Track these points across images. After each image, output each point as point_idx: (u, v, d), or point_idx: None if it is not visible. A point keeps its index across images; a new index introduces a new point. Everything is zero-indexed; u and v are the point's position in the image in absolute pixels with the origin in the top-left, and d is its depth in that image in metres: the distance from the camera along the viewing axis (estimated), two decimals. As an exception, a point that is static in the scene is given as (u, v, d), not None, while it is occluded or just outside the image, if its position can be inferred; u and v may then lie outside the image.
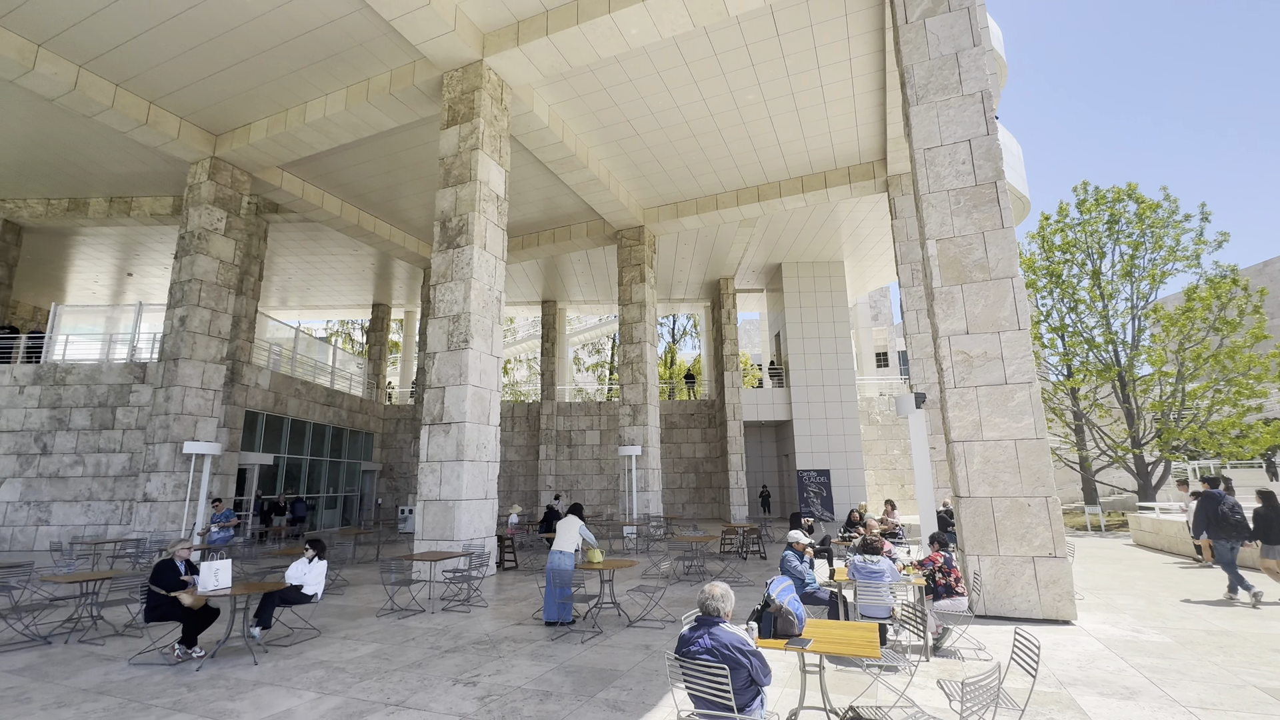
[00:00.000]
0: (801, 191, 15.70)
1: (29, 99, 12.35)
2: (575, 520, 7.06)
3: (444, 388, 9.96)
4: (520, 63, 10.69)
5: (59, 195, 16.82)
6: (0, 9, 9.85)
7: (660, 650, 5.72)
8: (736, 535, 12.22)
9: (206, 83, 11.76)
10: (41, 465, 14.94)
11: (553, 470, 24.08)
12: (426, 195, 16.49)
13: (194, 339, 13.21)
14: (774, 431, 25.09)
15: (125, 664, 5.49)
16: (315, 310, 28.51)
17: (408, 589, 8.98)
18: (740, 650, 2.93)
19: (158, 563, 5.89)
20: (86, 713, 4.34)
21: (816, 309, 22.22)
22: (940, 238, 7.51)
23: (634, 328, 17.42)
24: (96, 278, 23.02)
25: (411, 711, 4.29)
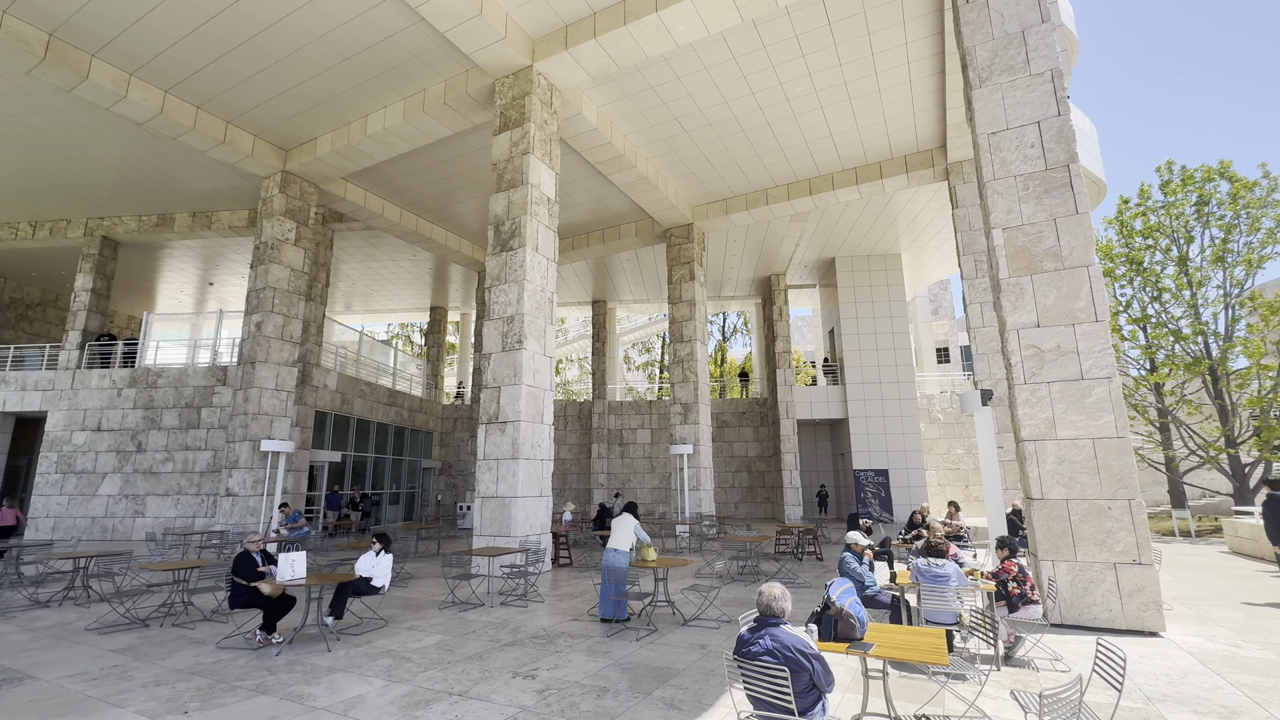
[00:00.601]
0: (855, 183, 15.26)
1: (122, 124, 13.40)
2: (630, 519, 7.08)
3: (499, 387, 10.21)
4: (569, 66, 10.82)
5: (149, 212, 18.18)
6: (96, 42, 10.73)
7: (716, 650, 5.69)
8: (791, 536, 12.00)
9: (276, 101, 12.45)
10: (137, 461, 16.20)
11: (605, 468, 24.30)
12: (480, 200, 16.93)
13: (269, 343, 14.01)
14: (829, 430, 24.50)
15: (213, 647, 5.89)
16: (377, 314, 29.75)
17: (467, 583, 9.25)
18: (802, 653, 2.87)
19: (236, 555, 6.28)
20: (181, 691, 4.67)
21: (872, 304, 21.55)
22: (1007, 226, 7.14)
23: (684, 326, 17.36)
24: (182, 287, 24.76)
25: (474, 702, 4.41)
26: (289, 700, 4.46)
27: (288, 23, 10.29)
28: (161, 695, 4.58)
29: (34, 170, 15.73)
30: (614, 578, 6.70)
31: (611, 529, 7.03)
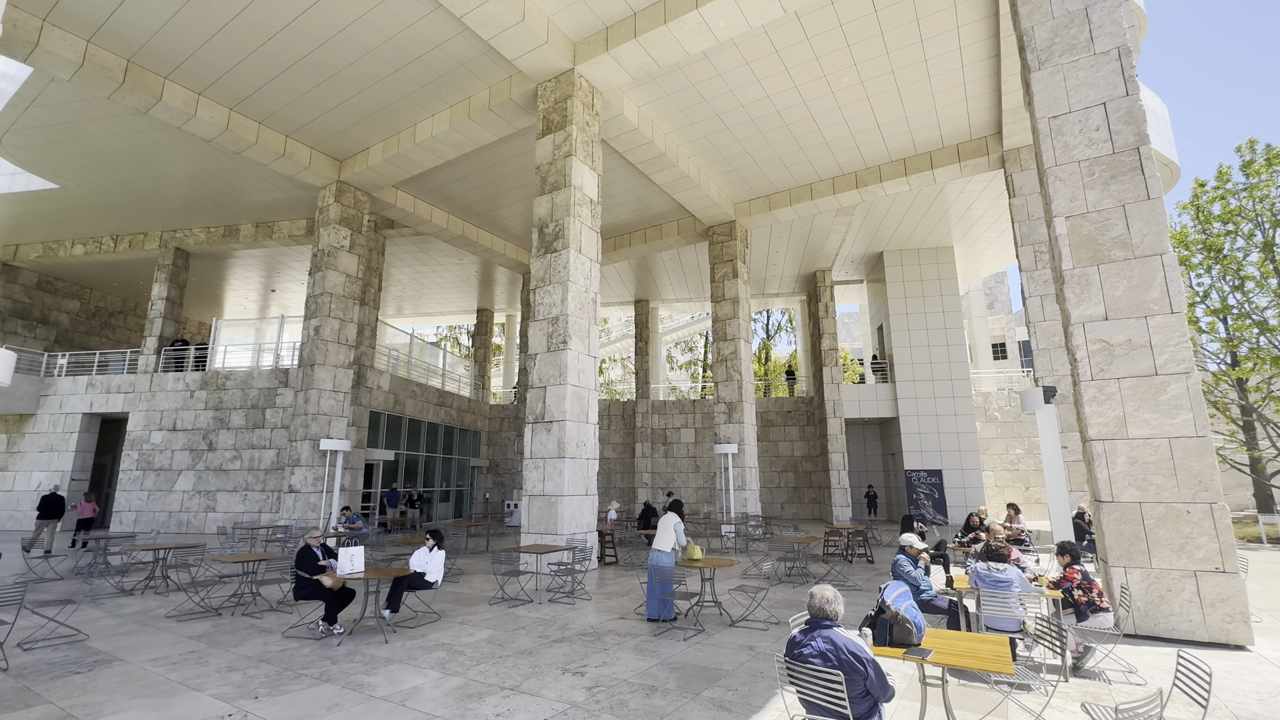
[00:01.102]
0: (904, 175, 14.80)
1: (192, 141, 14.25)
2: (673, 518, 7.03)
3: (545, 387, 10.35)
4: (610, 67, 10.88)
5: (216, 223, 19.25)
6: (169, 65, 11.42)
7: (765, 651, 5.61)
8: (840, 537, 11.74)
9: (331, 114, 12.97)
10: (208, 459, 17.18)
11: (649, 468, 24.33)
12: (524, 203, 17.21)
13: (326, 346, 14.62)
14: (878, 429, 23.85)
15: (280, 636, 6.18)
16: (426, 317, 30.64)
17: (516, 579, 9.42)
18: (856, 656, 2.79)
19: (299, 549, 6.57)
20: (251, 677, 4.92)
21: (923, 298, 20.86)
22: (1071, 214, 6.78)
23: (727, 324, 17.21)
24: (247, 294, 26.12)
25: (525, 696, 4.49)
26: (350, 689, 4.64)
27: (341, 39, 10.71)
28: (234, 681, 4.84)
29: (115, 187, 16.88)
30: (660, 577, 6.70)
31: (657, 529, 7.02)
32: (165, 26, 10.46)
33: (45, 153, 15.21)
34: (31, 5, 9.96)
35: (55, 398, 19.03)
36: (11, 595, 5.42)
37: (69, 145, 14.79)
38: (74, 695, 4.52)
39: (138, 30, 10.55)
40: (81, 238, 20.61)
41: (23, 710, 4.23)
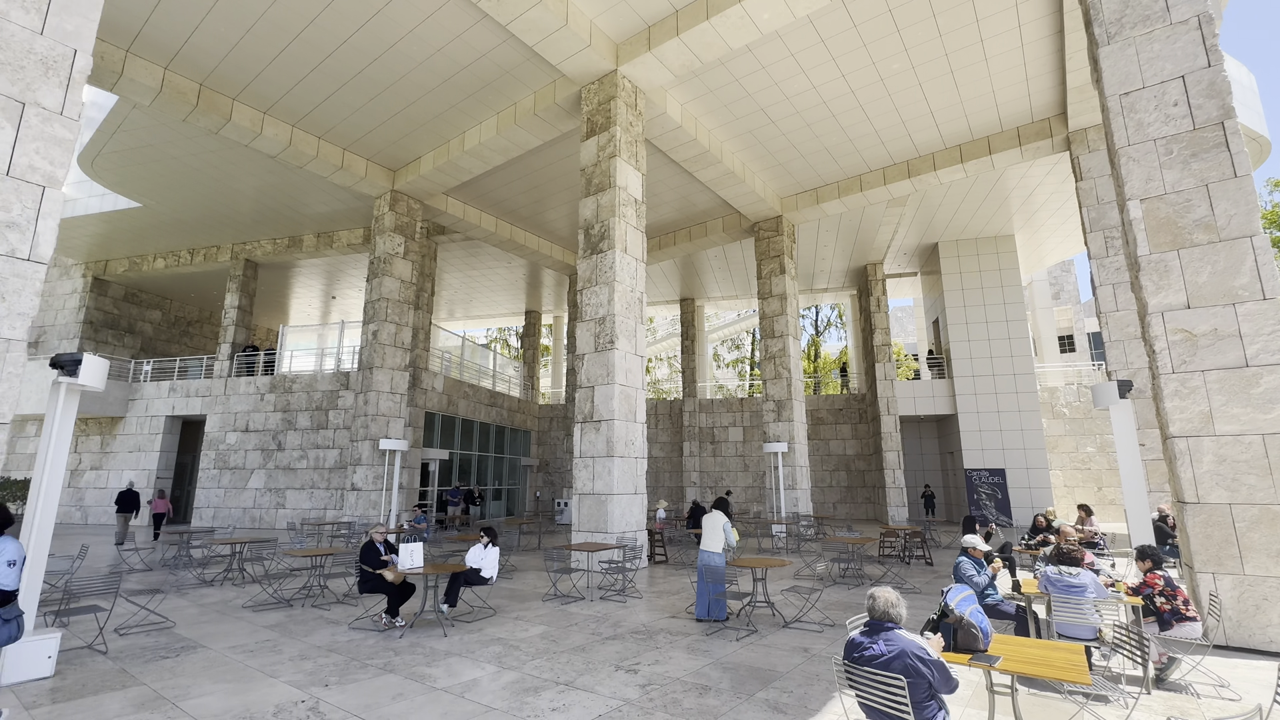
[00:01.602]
0: (960, 161, 14.22)
1: (258, 158, 15.07)
2: (721, 518, 6.88)
3: (593, 387, 10.45)
4: (652, 67, 10.88)
5: (281, 235, 20.29)
6: (236, 87, 12.11)
7: (820, 654, 5.50)
8: (897, 538, 11.39)
9: (385, 126, 13.47)
10: (278, 459, 18.13)
11: (697, 467, 24.24)
12: (570, 206, 17.42)
13: (383, 350, 15.20)
14: (935, 427, 23.01)
15: (346, 627, 6.47)
16: (477, 319, 31.43)
17: (568, 576, 9.55)
18: (920, 659, 2.70)
19: (363, 544, 6.85)
20: (322, 665, 5.17)
21: (982, 290, 19.99)
22: (1146, 196, 6.36)
23: (775, 321, 16.95)
24: (310, 302, 27.42)
25: (580, 692, 4.55)
26: (413, 680, 4.81)
27: (393, 53, 11.10)
28: (306, 669, 5.09)
29: (191, 204, 18.03)
30: (711, 577, 6.64)
31: (703, 528, 6.92)
32: (233, 50, 11.10)
33: (130, 174, 16.39)
34: (116, 37, 10.75)
35: (141, 401, 20.47)
36: (109, 585, 5.86)
37: (150, 166, 15.89)
38: (164, 678, 4.85)
39: (208, 55, 11.23)
40: (162, 252, 22.10)
41: (120, 690, 4.58)
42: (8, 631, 3.68)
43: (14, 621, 3.74)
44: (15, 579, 3.75)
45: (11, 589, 3.71)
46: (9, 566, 3.69)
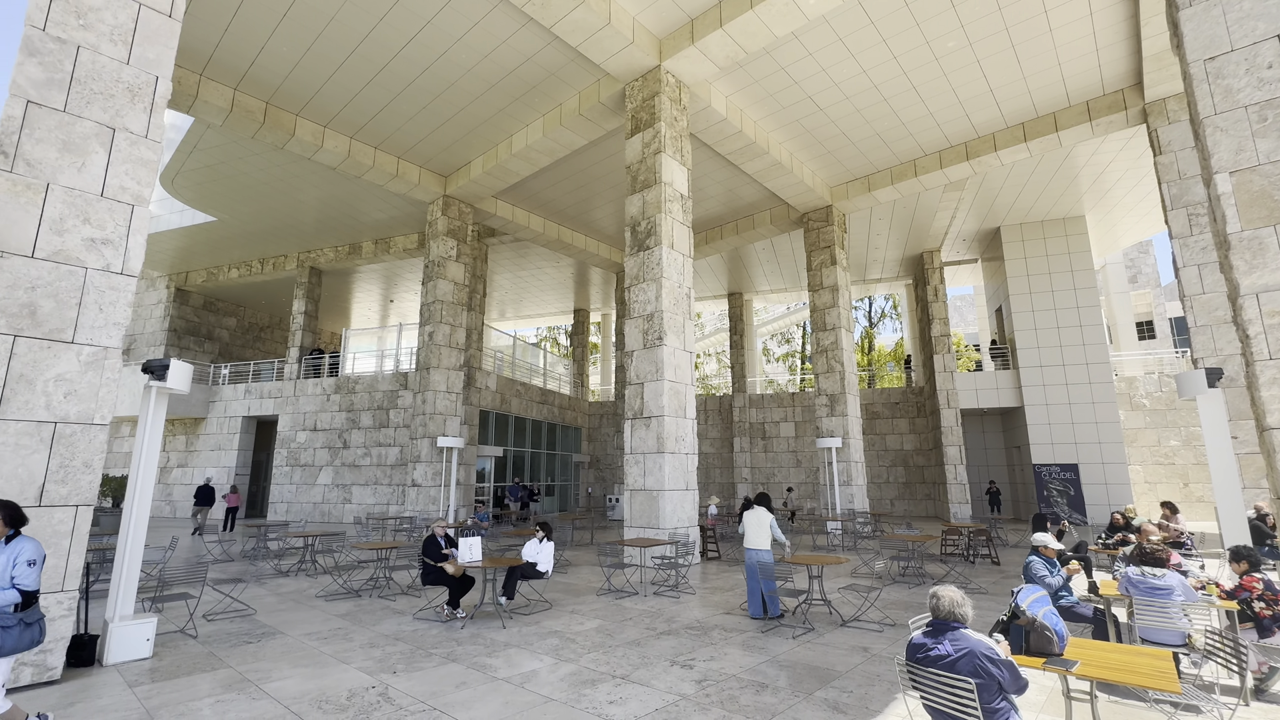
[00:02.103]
0: (1023, 140, 13.49)
1: (320, 170, 15.81)
2: (765, 515, 6.74)
3: (642, 384, 10.49)
4: (696, 60, 10.80)
5: (342, 243, 21.23)
6: (299, 103, 12.74)
7: (881, 654, 5.36)
8: (960, 536, 10.96)
9: (436, 133, 13.89)
10: (344, 456, 19.02)
11: (748, 463, 23.99)
12: (616, 204, 17.51)
13: (439, 350, 15.70)
14: (999, 420, 21.98)
15: (411, 618, 6.73)
16: (527, 319, 32.04)
17: (621, 571, 9.63)
18: (991, 660, 2.59)
19: (425, 538, 7.11)
20: (389, 653, 5.40)
21: (1050, 275, 18.94)
22: (1237, 169, 5.87)
23: (826, 314, 16.57)
24: (369, 306, 28.59)
25: (636, 686, 4.58)
26: (475, 670, 4.97)
27: (443, 62, 11.42)
28: (375, 656, 5.33)
29: (261, 216, 19.09)
30: (764, 573, 6.56)
31: (746, 525, 6.75)
32: (295, 68, 11.67)
33: (206, 191, 17.50)
34: (191, 63, 11.48)
35: (221, 403, 21.86)
36: (197, 574, 6.30)
37: (224, 182, 16.92)
38: (248, 662, 5.18)
39: (273, 75, 11.85)
40: (236, 263, 23.51)
41: (210, 672, 4.91)
42: (29, 636, 3.42)
43: (35, 625, 3.48)
44: (35, 579, 3.49)
45: (31, 589, 3.46)
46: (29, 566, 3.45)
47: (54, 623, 4.69)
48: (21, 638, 3.37)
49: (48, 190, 5.02)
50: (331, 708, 4.17)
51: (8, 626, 3.33)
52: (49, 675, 4.64)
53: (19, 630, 3.37)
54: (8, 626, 3.33)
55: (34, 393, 4.80)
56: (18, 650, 3.36)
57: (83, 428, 5.00)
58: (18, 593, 3.40)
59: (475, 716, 4.02)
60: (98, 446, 5.06)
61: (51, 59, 5.15)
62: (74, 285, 5.06)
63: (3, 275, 4.74)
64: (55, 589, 4.73)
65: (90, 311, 5.12)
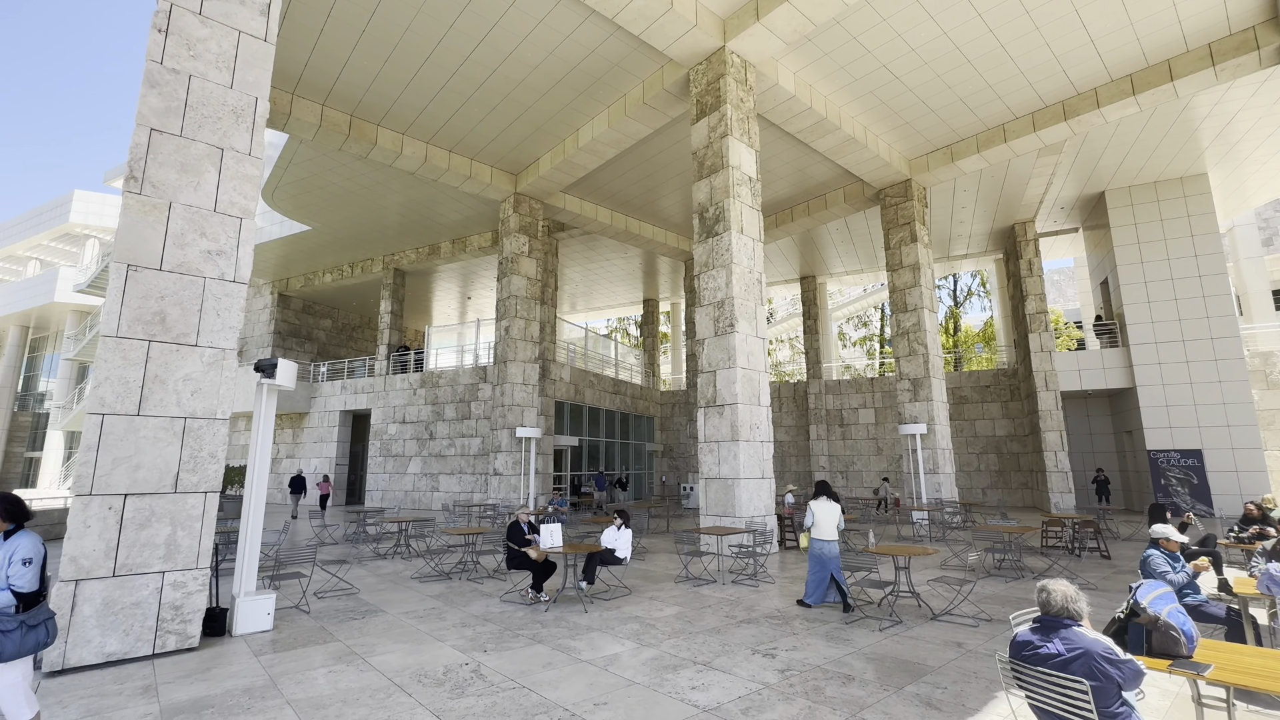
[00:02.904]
0: (1131, 94, 12.21)
1: (400, 176, 16.63)
2: (837, 507, 6.72)
3: (714, 371, 10.39)
4: (762, 37, 10.48)
5: (422, 244, 22.30)
6: (379, 114, 13.43)
7: (976, 649, 5.08)
8: (1063, 528, 10.20)
9: (505, 134, 14.26)
10: (430, 447, 20.07)
11: (825, 450, 23.34)
12: (682, 191, 17.38)
13: (515, 344, 16.21)
14: (1106, 403, 20.20)
15: (498, 600, 7.03)
16: (597, 311, 32.49)
17: (698, 559, 9.65)
18: (1108, 659, 2.39)
19: (510, 524, 7.39)
20: (480, 633, 5.67)
21: (1165, 242, 17.13)
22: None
23: (907, 294, 15.76)
24: (449, 303, 29.92)
25: (718, 673, 4.58)
26: (559, 651, 5.13)
27: (510, 62, 11.69)
28: (466, 635, 5.61)
29: (349, 223, 20.36)
30: (833, 565, 6.48)
31: (815, 517, 6.67)
32: (374, 81, 12.30)
33: (300, 202, 18.84)
34: (283, 83, 12.35)
35: (321, 399, 23.61)
36: (308, 555, 6.84)
37: (316, 193, 18.15)
38: (354, 637, 5.59)
39: (355, 88, 12.55)
40: (329, 268, 25.22)
41: (322, 645, 5.34)
42: (34, 639, 3.07)
43: (41, 626, 3.12)
44: (33, 579, 3.11)
45: (28, 590, 3.08)
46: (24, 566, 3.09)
47: (190, 597, 5.24)
48: (24, 642, 3.02)
49: (170, 209, 5.56)
50: (430, 681, 4.43)
51: (7, 630, 2.97)
52: (189, 643, 5.19)
53: (20, 634, 3.01)
54: (7, 630, 2.97)
55: (166, 391, 5.35)
56: (20, 655, 3.02)
57: (207, 422, 5.53)
58: (11, 594, 3.04)
59: (562, 696, 4.15)
60: (220, 439, 5.59)
61: (168, 89, 5.68)
62: (195, 294, 5.58)
63: (137, 287, 5.31)
64: (190, 567, 5.29)
65: (210, 317, 5.64)
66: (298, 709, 3.96)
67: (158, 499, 5.19)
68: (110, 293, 5.21)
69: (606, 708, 3.96)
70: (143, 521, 5.10)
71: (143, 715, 3.89)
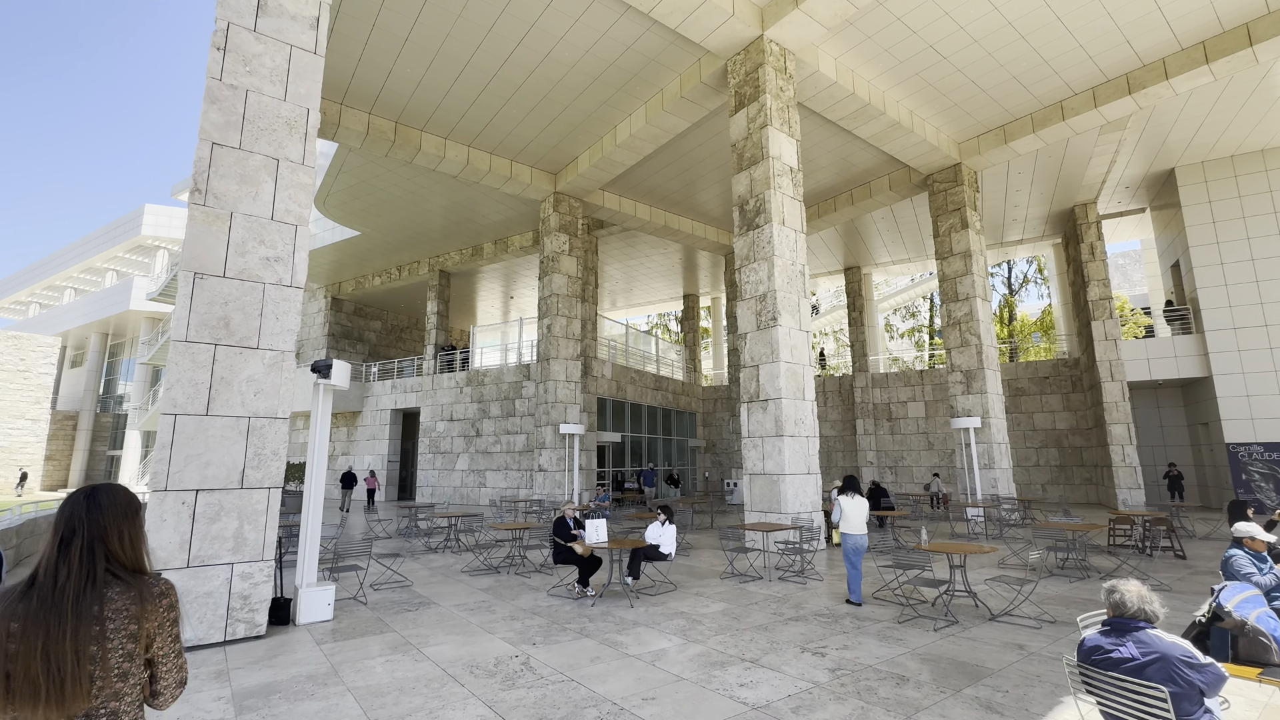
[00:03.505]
0: (1205, 62, 11.40)
1: (444, 179, 17.03)
2: (861, 500, 6.86)
3: (757, 366, 10.26)
4: (801, 24, 10.24)
5: (465, 246, 22.78)
6: (422, 120, 13.77)
7: (1039, 652, 4.87)
8: (1132, 525, 9.66)
9: (544, 134, 14.41)
10: (477, 444, 20.53)
11: (873, 445, 22.77)
12: (721, 185, 17.20)
13: (557, 342, 16.40)
14: (1179, 394, 19.00)
15: (545, 594, 7.14)
16: (637, 307, 32.56)
17: (744, 556, 9.56)
18: (1187, 664, 2.24)
19: (555, 519, 7.48)
20: (529, 625, 5.77)
21: (1244, 220, 15.98)
22: None
23: (958, 282, 15.17)
24: (492, 303, 30.52)
25: (766, 670, 4.53)
26: (607, 645, 5.17)
27: (548, 62, 11.79)
28: (516, 628, 5.72)
29: (396, 227, 20.99)
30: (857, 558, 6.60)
31: (844, 510, 6.77)
32: (418, 88, 12.62)
33: (350, 208, 19.52)
34: (332, 94, 12.79)
35: (372, 398, 24.45)
36: (364, 549, 7.10)
37: (364, 199, 18.77)
38: (409, 628, 5.77)
39: (399, 96, 12.89)
40: (378, 271, 26.07)
41: (379, 635, 5.53)
42: None
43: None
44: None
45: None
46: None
47: (257, 587, 5.51)
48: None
49: (231, 218, 5.84)
50: (482, 673, 4.53)
51: None
52: (256, 631, 5.46)
53: None
54: None
55: (232, 392, 5.63)
56: None
57: (269, 421, 5.79)
58: None
59: (610, 690, 4.18)
60: (281, 437, 5.85)
61: (227, 104, 5.96)
62: (255, 299, 5.85)
63: (203, 293, 5.60)
64: (257, 558, 5.56)
65: (269, 321, 5.90)
66: (357, 696, 4.11)
67: (226, 494, 5.47)
68: (179, 300, 5.51)
69: (655, 702, 3.96)
70: (213, 515, 5.39)
71: (217, 698, 4.11)
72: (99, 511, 1.45)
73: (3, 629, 1.30)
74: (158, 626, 1.46)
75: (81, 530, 1.42)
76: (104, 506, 1.46)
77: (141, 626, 1.43)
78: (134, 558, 1.48)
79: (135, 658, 1.42)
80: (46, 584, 1.37)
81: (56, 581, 1.37)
